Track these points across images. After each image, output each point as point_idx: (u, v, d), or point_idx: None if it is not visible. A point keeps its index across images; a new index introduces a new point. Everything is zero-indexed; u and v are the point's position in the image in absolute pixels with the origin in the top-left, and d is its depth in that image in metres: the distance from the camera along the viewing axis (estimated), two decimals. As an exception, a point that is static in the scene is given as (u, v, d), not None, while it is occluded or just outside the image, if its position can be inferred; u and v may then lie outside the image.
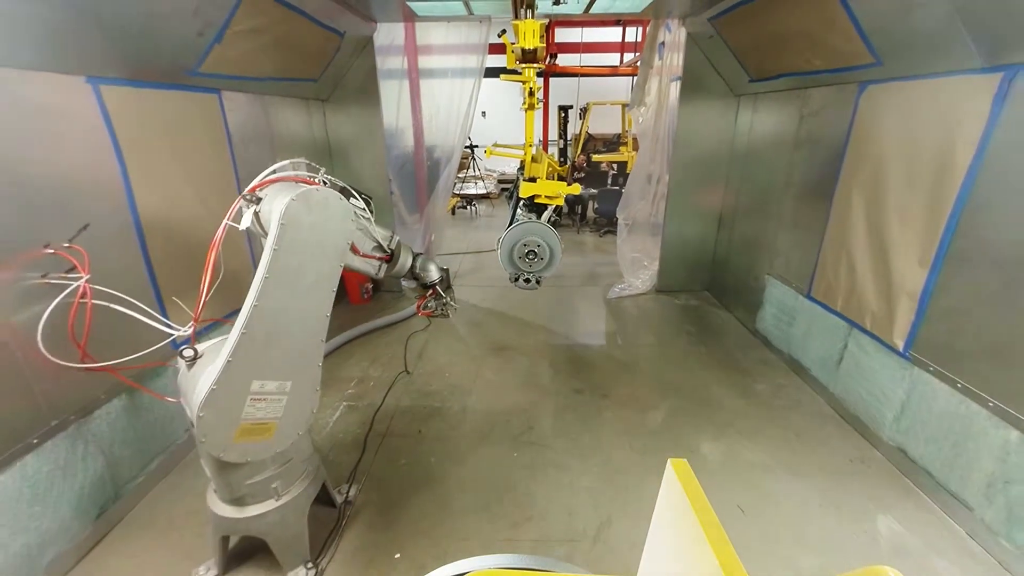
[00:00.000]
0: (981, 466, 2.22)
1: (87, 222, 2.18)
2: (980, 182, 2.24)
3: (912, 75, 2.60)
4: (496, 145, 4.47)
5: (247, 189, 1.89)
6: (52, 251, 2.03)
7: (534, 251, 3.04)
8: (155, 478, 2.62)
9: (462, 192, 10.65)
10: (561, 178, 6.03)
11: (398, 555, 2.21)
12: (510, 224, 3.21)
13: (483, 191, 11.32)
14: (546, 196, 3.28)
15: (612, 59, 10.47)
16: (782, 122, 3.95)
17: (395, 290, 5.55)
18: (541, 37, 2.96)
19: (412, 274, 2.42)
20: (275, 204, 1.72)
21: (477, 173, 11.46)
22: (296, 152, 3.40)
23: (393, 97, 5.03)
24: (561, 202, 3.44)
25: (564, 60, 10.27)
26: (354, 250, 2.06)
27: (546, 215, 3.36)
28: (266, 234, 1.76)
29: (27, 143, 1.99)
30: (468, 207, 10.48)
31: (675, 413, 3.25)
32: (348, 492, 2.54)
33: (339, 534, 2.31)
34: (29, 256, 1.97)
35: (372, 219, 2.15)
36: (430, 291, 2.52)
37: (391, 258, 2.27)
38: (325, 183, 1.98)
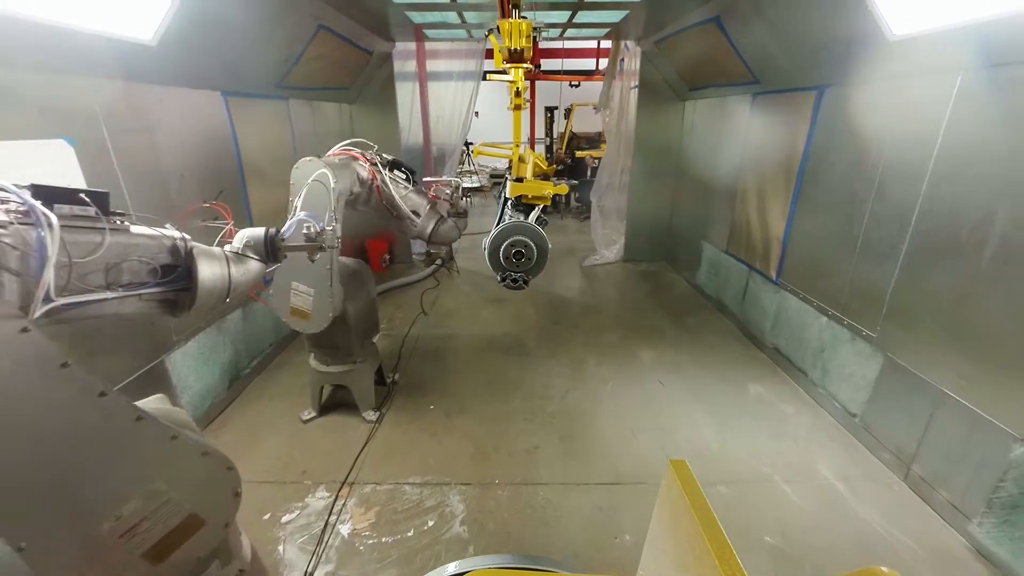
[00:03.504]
0: (811, 345, 3.43)
1: (222, 188, 3.29)
2: (810, 160, 3.44)
3: (776, 89, 3.80)
4: (484, 144, 5.38)
5: (327, 154, 2.85)
6: (207, 205, 3.13)
7: (521, 251, 2.99)
8: (255, 371, 3.73)
9: (458, 185, 11.73)
10: (548, 177, 7.02)
11: (432, 407, 3.36)
12: (497, 224, 3.20)
13: (476, 184, 12.47)
14: (532, 196, 3.25)
15: (590, 63, 11.66)
16: (711, 122, 5.16)
17: (406, 261, 6.68)
18: (528, 37, 2.93)
19: (433, 240, 3.20)
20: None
21: (472, 168, 12.60)
22: (331, 140, 4.49)
23: (406, 100, 6.16)
24: (548, 202, 3.39)
25: (547, 64, 11.43)
26: (391, 210, 3.12)
27: (533, 215, 3.29)
28: None
29: (194, 136, 3.10)
30: (463, 198, 11.56)
31: (625, 336, 4.43)
32: (394, 376, 3.68)
33: (391, 397, 3.45)
34: (195, 208, 3.07)
35: (412, 187, 3.24)
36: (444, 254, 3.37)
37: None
38: (376, 158, 3.03)
